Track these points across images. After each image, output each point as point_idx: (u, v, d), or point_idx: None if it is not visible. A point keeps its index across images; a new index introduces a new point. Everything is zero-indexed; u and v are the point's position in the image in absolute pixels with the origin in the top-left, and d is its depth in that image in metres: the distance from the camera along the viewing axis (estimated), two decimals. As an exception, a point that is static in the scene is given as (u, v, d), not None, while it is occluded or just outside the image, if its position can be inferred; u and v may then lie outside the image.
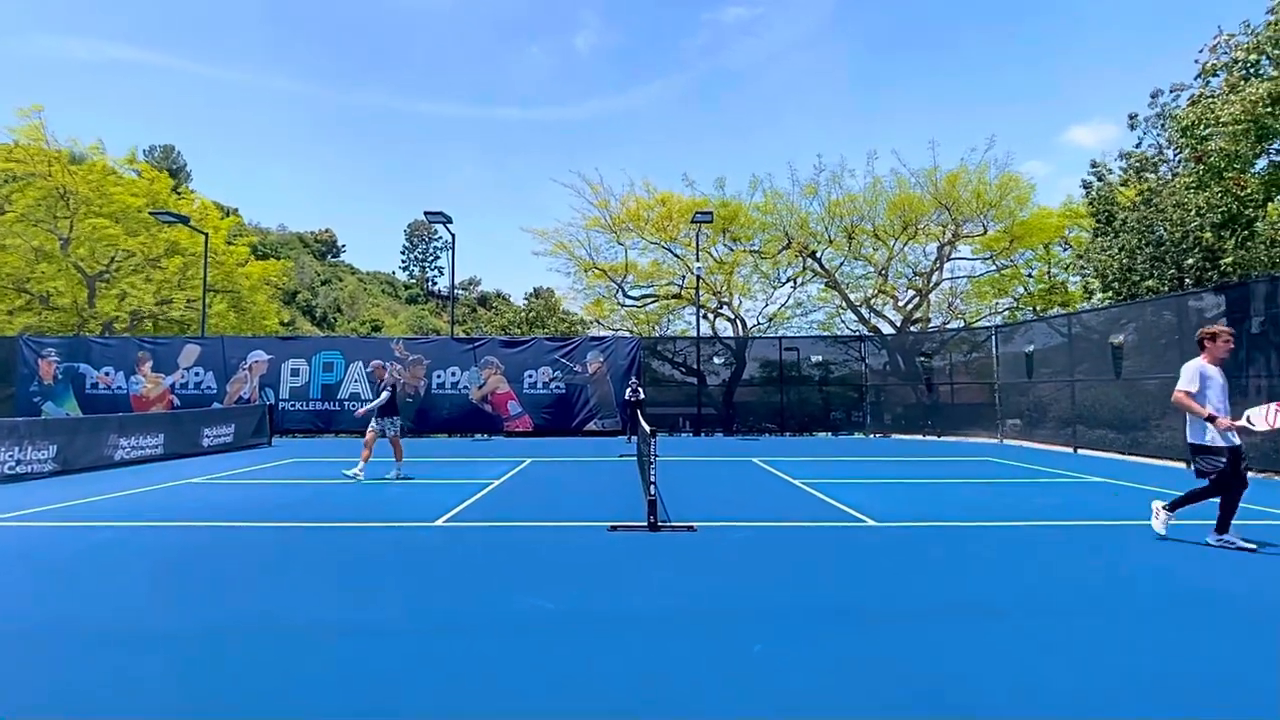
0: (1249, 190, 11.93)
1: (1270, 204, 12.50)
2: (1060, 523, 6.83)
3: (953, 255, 25.12)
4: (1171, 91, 14.48)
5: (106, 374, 18.80)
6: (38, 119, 23.49)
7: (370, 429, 9.94)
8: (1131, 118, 16.53)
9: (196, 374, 18.90)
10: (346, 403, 18.84)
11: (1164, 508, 5.97)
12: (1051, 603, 4.30)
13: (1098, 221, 17.85)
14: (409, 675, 3.18)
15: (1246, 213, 12.33)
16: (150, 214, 22.56)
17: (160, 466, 11.70)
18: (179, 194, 29.73)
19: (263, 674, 3.22)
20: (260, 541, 6.08)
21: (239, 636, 3.70)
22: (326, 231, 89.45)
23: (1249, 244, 12.81)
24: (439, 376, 19.02)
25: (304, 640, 3.66)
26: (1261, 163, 12.01)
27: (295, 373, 19.02)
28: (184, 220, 20.89)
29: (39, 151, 23.32)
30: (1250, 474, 10.31)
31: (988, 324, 23.48)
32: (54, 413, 18.02)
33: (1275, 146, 11.82)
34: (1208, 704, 2.92)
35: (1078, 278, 22.08)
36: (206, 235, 22.89)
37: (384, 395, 9.75)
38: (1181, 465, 11.49)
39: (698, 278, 21.91)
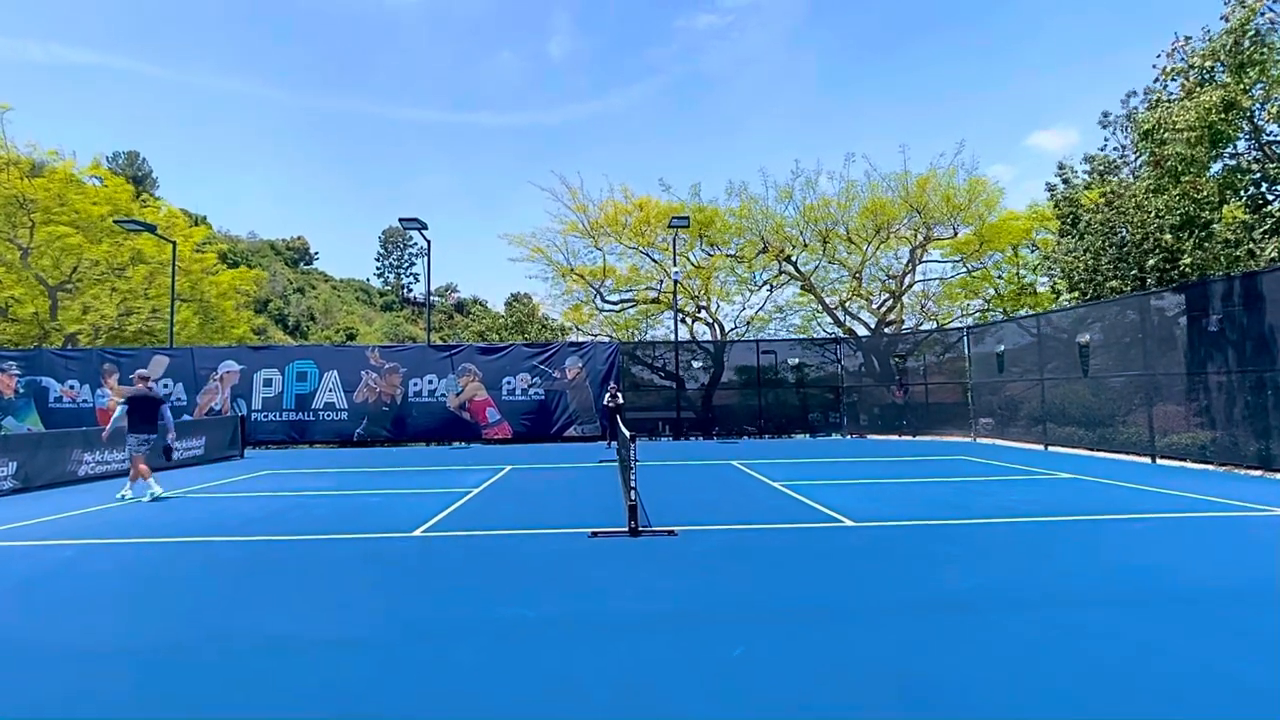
0: (1205, 193, 12.34)
1: (1225, 206, 12.93)
2: (1031, 519, 6.98)
3: (924, 258, 25.56)
4: (1145, 93, 14.91)
5: (71, 387, 18.27)
6: None
7: (131, 450, 9.44)
8: (1105, 115, 16.99)
9: (165, 386, 18.45)
10: (321, 413, 18.54)
11: None
12: (1023, 597, 4.39)
13: (1063, 224, 18.31)
14: (386, 687, 3.15)
15: (1203, 215, 12.75)
16: (115, 222, 22.00)
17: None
18: (144, 202, 29.01)
19: (236, 689, 3.16)
20: (233, 556, 5.96)
21: (211, 652, 3.63)
22: (299, 239, 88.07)
23: (1206, 245, 13.23)
24: (416, 385, 18.82)
25: (279, 654, 3.59)
26: (1216, 166, 12.44)
27: (268, 383, 18.67)
28: (150, 228, 20.40)
29: (-2, 158, 22.64)
30: (1209, 467, 10.62)
31: (960, 325, 23.92)
32: (15, 429, 17.45)
33: (1229, 151, 12.25)
34: (1178, 698, 3.01)
35: (1045, 279, 22.59)
36: (174, 244, 22.40)
37: (119, 411, 9.42)
38: (1146, 459, 11.81)
39: (675, 282, 22.00)
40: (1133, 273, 15.08)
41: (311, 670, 3.38)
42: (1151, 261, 14.40)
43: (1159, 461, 11.64)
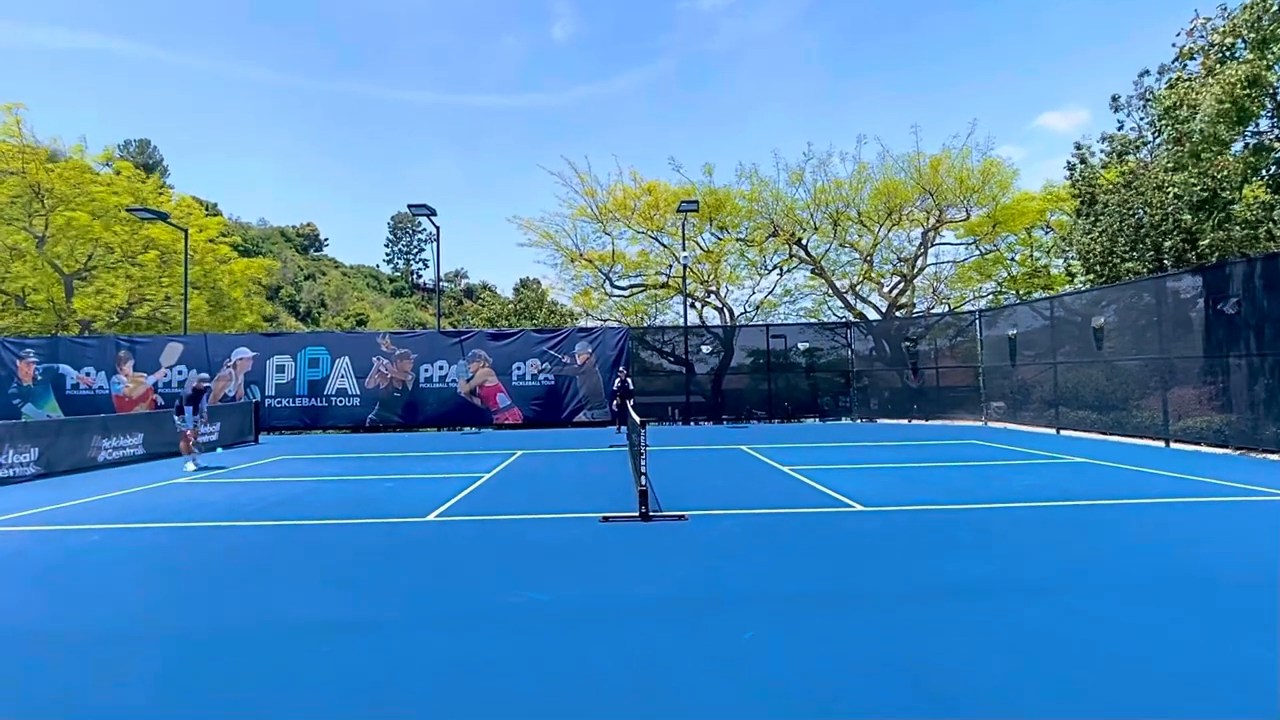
0: (1226, 172, 12.08)
1: (1247, 186, 12.66)
2: (1043, 504, 6.95)
3: (937, 240, 25.28)
4: (1159, 72, 14.57)
5: (87, 374, 18.52)
6: (17, 114, 22.97)
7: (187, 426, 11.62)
8: (1114, 99, 16.62)
9: (180, 372, 18.67)
10: (334, 398, 18.71)
11: None
12: (1036, 583, 4.39)
13: (1080, 203, 18.01)
14: (403, 671, 3.21)
15: (1224, 194, 12.49)
16: (128, 210, 22.17)
17: (144, 467, 11.58)
18: (159, 190, 29.15)
19: (256, 673, 3.23)
20: (250, 540, 6.06)
21: (231, 636, 3.71)
22: (308, 225, 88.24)
23: (1226, 225, 12.98)
24: (427, 370, 18.93)
25: (297, 638, 3.67)
26: (1239, 145, 12.17)
27: (281, 369, 18.84)
28: (163, 216, 20.52)
29: (14, 148, 22.78)
30: (1226, 451, 10.52)
31: (972, 308, 23.70)
32: (35, 415, 17.75)
33: (1252, 129, 11.97)
34: (1186, 685, 3.01)
35: (1060, 261, 22.29)
36: (186, 230, 22.54)
37: (188, 405, 11.57)
38: (1160, 443, 11.71)
39: (685, 267, 21.91)
40: (1149, 254, 14.85)
41: (331, 655, 3.44)
42: (1169, 243, 14.17)
43: (1173, 446, 11.53)
